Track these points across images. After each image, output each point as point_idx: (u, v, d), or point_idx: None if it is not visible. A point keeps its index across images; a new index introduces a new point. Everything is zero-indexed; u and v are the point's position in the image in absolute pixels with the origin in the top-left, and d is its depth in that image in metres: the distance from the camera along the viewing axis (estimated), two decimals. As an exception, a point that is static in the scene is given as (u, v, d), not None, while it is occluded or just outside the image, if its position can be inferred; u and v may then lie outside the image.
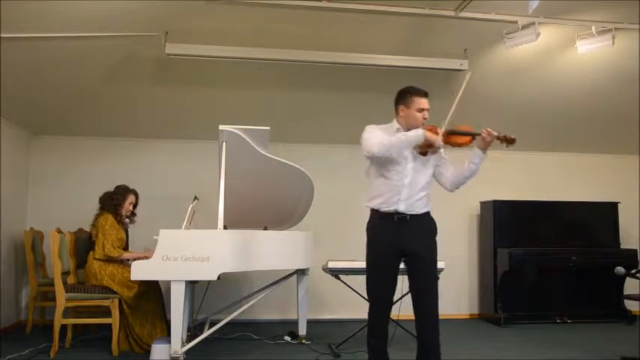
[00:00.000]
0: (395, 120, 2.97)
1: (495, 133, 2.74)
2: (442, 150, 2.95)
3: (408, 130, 2.85)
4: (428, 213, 2.95)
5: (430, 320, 2.83)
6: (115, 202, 4.37)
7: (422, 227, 2.90)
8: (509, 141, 2.73)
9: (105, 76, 4.64)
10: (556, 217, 5.94)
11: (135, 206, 4.52)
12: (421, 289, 2.86)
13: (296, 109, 5.33)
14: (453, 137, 2.82)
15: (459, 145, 2.84)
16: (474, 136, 2.81)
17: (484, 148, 2.80)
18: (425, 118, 2.89)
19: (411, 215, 2.86)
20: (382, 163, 2.88)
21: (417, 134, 2.76)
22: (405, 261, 2.91)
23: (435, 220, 2.97)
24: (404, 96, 2.94)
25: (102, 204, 4.45)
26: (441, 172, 2.97)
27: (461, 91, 2.77)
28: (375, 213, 2.94)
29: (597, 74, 5.02)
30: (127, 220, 4.49)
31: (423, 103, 2.89)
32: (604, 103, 5.44)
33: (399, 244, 2.85)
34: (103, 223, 4.21)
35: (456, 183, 2.95)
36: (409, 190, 2.85)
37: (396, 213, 2.85)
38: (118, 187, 4.46)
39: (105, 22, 3.89)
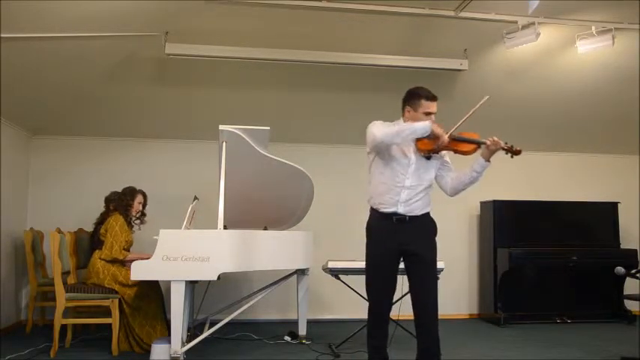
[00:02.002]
0: (401, 119, 2.93)
1: (502, 143, 2.71)
2: (445, 154, 2.93)
3: None
4: (427, 214, 2.93)
5: (429, 321, 2.81)
6: (125, 203, 4.38)
7: (421, 227, 2.88)
8: (514, 152, 2.72)
9: (105, 76, 4.64)
10: (556, 217, 5.93)
11: (144, 206, 4.53)
12: (420, 290, 2.84)
13: (296, 109, 5.32)
14: (458, 144, 2.80)
15: (463, 153, 2.81)
16: (479, 144, 2.78)
17: (488, 157, 2.77)
18: None
19: (410, 216, 2.84)
20: (385, 161, 2.84)
21: (425, 125, 2.71)
22: (404, 261, 2.90)
23: (435, 220, 2.96)
24: (412, 97, 2.87)
25: (110, 204, 4.44)
26: (443, 175, 2.94)
27: (475, 108, 2.75)
28: (375, 212, 2.91)
29: (597, 74, 5.02)
30: (138, 222, 4.48)
31: (431, 106, 2.84)
32: (604, 103, 5.44)
33: (398, 244, 2.84)
34: (113, 224, 4.21)
35: (456, 188, 2.92)
36: (409, 193, 2.83)
37: (395, 214, 2.83)
38: (125, 189, 4.46)
39: (105, 22, 3.89)
